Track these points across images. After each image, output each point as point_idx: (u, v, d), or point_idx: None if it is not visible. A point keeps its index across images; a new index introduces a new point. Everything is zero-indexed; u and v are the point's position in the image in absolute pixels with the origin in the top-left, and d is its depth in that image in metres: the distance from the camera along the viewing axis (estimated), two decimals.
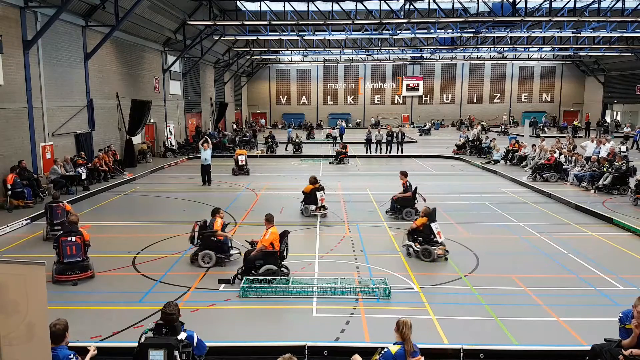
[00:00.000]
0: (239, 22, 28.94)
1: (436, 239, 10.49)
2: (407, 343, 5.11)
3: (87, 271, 9.44)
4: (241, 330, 7.39)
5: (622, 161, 17.98)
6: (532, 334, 7.24)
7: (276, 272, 9.00)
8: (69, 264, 9.31)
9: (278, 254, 9.12)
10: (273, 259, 9.05)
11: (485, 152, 27.76)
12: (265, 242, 9.03)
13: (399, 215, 14.13)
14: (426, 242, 10.47)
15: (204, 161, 19.77)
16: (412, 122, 55.79)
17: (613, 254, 11.22)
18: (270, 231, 9.12)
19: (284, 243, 9.31)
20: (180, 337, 5.07)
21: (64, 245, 9.30)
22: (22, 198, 14.97)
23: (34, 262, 3.64)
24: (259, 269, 8.96)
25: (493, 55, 51.57)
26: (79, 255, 9.36)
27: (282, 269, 9.23)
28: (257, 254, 9.07)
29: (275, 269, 9.01)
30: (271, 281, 8.82)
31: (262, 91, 57.62)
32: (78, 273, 9.32)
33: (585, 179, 18.37)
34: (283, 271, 9.19)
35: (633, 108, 45.63)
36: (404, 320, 5.21)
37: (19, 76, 16.40)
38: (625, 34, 31.90)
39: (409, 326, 5.16)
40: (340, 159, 26.49)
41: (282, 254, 9.26)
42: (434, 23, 28.58)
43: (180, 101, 33.80)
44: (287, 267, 9.40)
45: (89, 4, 20.04)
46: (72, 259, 9.31)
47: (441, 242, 10.56)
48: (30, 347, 3.74)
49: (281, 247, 9.19)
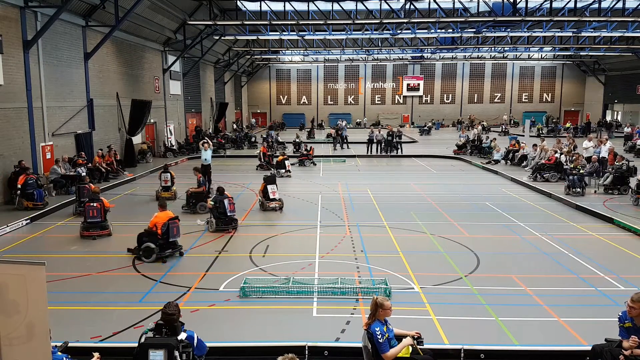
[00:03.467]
0: (239, 22, 28.95)
1: (270, 196, 14.89)
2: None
3: (105, 229, 12.24)
4: (241, 330, 7.39)
5: (622, 161, 17.94)
6: (533, 334, 7.24)
7: (153, 250, 10.35)
8: (91, 223, 12.11)
9: (160, 235, 10.47)
10: (154, 239, 10.47)
11: (485, 152, 27.75)
12: (150, 223, 10.70)
13: (193, 209, 14.57)
14: (265, 199, 14.83)
15: (204, 161, 19.74)
16: (413, 122, 55.77)
17: (613, 254, 11.21)
18: (155, 214, 10.85)
19: (165, 226, 10.49)
20: (180, 338, 5.06)
21: (88, 209, 12.04)
22: (31, 200, 14.87)
23: (34, 262, 3.63)
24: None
25: (493, 55, 51.56)
26: (99, 217, 12.13)
27: (169, 250, 10.59)
28: (143, 233, 10.65)
29: (152, 247, 10.36)
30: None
31: (263, 91, 57.61)
32: (98, 230, 12.11)
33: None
34: (164, 253, 10.49)
35: (634, 108, 45.60)
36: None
37: (19, 76, 16.40)
38: (626, 33, 31.87)
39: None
40: (301, 162, 25.64)
41: (164, 236, 10.51)
42: (435, 23, 28.56)
43: (180, 101, 33.80)
44: (175, 247, 10.73)
45: (89, 4, 20.04)
46: (93, 219, 12.09)
47: (273, 198, 14.93)
48: (30, 347, 3.73)
49: (163, 229, 10.47)
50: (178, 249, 10.83)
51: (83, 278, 9.56)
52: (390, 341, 5.37)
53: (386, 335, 5.31)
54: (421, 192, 18.37)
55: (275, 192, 15.27)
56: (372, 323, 5.39)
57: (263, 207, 15.16)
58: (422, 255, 11.01)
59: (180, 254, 10.82)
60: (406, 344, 5.43)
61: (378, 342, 5.24)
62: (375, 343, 5.25)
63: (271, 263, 10.35)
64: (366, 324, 5.47)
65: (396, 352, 5.32)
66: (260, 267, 10.08)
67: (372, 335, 5.28)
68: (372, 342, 5.28)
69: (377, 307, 5.41)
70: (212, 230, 12.76)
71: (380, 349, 5.25)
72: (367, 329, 5.40)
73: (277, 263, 10.33)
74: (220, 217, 12.79)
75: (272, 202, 15.01)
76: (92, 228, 12.15)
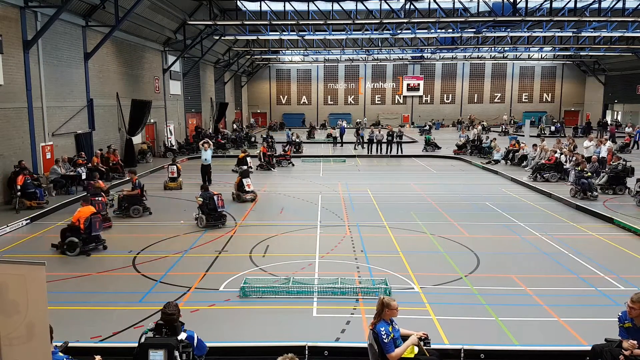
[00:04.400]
0: (239, 22, 28.96)
1: (246, 189, 16.22)
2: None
3: (107, 222, 12.94)
4: (241, 330, 7.39)
5: (618, 161, 17.87)
6: (533, 334, 7.24)
7: (77, 244, 10.76)
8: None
9: (82, 229, 10.85)
10: (77, 233, 10.87)
11: (485, 152, 27.76)
12: (73, 218, 11.05)
13: (126, 213, 14.33)
14: (241, 191, 15.86)
15: (204, 161, 19.77)
16: (413, 122, 55.76)
17: (613, 254, 11.21)
18: (78, 210, 11.22)
19: (87, 221, 10.87)
20: (180, 338, 5.06)
21: (93, 203, 12.15)
22: (34, 199, 14.95)
23: (34, 262, 3.63)
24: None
25: (494, 55, 51.55)
26: (104, 210, 12.81)
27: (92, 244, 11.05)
28: (67, 228, 11.05)
29: (76, 241, 10.77)
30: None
31: (263, 91, 57.60)
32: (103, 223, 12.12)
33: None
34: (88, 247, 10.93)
35: (634, 108, 45.59)
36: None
37: (19, 76, 16.40)
38: (626, 33, 31.88)
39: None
40: (278, 162, 25.40)
41: (87, 230, 10.90)
42: (435, 23, 28.56)
43: (180, 101, 33.80)
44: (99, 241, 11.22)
45: (89, 4, 20.04)
46: (99, 213, 11.97)
47: (249, 190, 16.23)
48: (30, 348, 3.73)
49: (85, 224, 10.83)
50: (101, 243, 11.34)
51: (83, 278, 9.56)
52: (395, 341, 5.33)
53: (391, 335, 5.28)
54: (421, 192, 18.37)
55: (250, 185, 16.67)
56: (377, 323, 5.36)
57: (239, 199, 16.33)
58: (422, 255, 11.01)
59: (103, 247, 11.32)
60: (410, 344, 5.40)
61: (383, 342, 5.21)
62: (380, 343, 5.23)
63: (271, 263, 10.35)
64: (372, 324, 5.44)
65: (401, 352, 5.30)
66: (260, 267, 10.07)
67: (377, 335, 5.26)
68: (378, 342, 5.26)
69: (383, 306, 5.39)
70: (203, 226, 13.10)
71: (385, 349, 5.23)
72: (373, 328, 5.37)
73: (277, 263, 10.33)
74: (210, 213, 13.22)
75: (247, 194, 16.32)
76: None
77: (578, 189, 16.55)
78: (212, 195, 13.35)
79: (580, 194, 16.39)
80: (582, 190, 16.39)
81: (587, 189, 16.35)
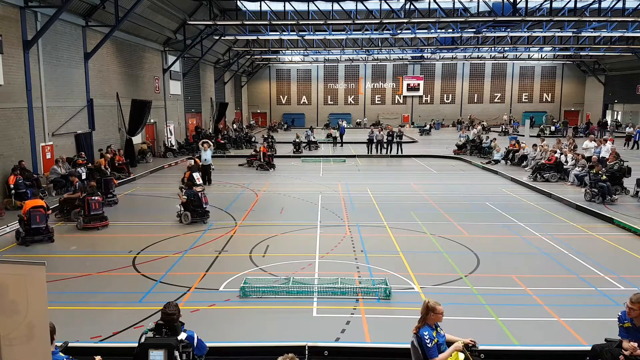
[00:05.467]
0: (239, 22, 28.93)
1: (197, 182, 16.43)
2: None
3: (104, 221, 13.36)
4: (241, 330, 7.39)
5: (615, 161, 17.83)
6: (533, 334, 7.24)
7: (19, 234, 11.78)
8: (93, 216, 13.17)
9: (25, 221, 11.68)
10: (22, 224, 11.80)
11: (485, 152, 27.76)
12: (23, 210, 11.89)
13: (67, 217, 14.09)
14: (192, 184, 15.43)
15: (203, 161, 19.78)
16: (413, 122, 55.76)
17: (614, 254, 11.21)
18: (25, 202, 12.14)
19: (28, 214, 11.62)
20: (180, 338, 5.06)
21: (90, 202, 13.07)
22: (25, 199, 14.88)
23: (34, 262, 3.63)
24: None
25: (493, 55, 51.53)
26: (100, 209, 13.32)
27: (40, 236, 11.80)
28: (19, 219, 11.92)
29: (20, 231, 11.77)
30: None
31: (263, 91, 57.60)
32: (99, 222, 13.19)
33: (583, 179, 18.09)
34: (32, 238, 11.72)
35: (634, 108, 45.58)
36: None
37: (19, 76, 16.40)
38: (626, 33, 31.87)
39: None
40: (250, 162, 24.96)
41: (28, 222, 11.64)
42: (435, 23, 28.56)
43: (180, 101, 33.80)
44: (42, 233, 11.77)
45: (89, 4, 20.03)
46: (96, 212, 13.20)
47: (199, 183, 16.41)
48: (30, 348, 3.73)
49: (27, 216, 11.58)
50: (47, 235, 11.90)
51: (83, 278, 9.56)
52: (440, 347, 5.22)
53: (435, 340, 5.17)
54: (421, 192, 18.37)
55: (199, 178, 17.58)
56: (421, 327, 5.23)
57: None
58: (422, 255, 11.01)
59: (50, 239, 11.91)
60: (454, 350, 5.24)
61: (427, 346, 5.10)
62: (424, 347, 5.12)
63: (271, 263, 10.35)
64: (416, 328, 5.31)
65: (444, 359, 5.18)
66: (260, 267, 10.07)
67: (421, 339, 5.14)
68: (421, 346, 5.15)
69: (428, 310, 5.25)
70: (187, 222, 13.50)
71: (428, 354, 5.12)
72: (416, 332, 5.26)
73: (277, 263, 10.33)
74: (195, 210, 13.64)
75: (198, 187, 16.38)
76: (94, 220, 13.17)
77: (595, 193, 15.86)
78: (197, 193, 13.85)
79: (599, 198, 15.71)
80: (601, 194, 15.72)
81: (607, 192, 15.74)
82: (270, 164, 24.48)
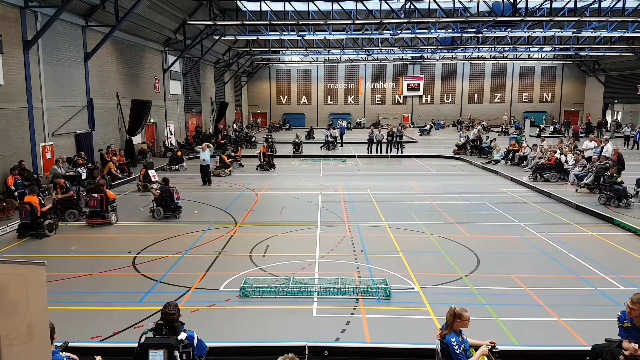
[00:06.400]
0: (239, 22, 28.95)
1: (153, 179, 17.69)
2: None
3: (104, 219, 13.48)
4: (241, 330, 7.39)
5: (605, 160, 17.78)
6: (533, 334, 7.24)
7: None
8: (92, 213, 13.46)
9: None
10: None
11: (485, 152, 27.76)
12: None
13: (62, 217, 13.99)
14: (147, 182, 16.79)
15: (202, 162, 19.79)
16: (413, 122, 55.74)
17: (613, 254, 11.21)
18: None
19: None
20: (180, 338, 5.05)
21: (89, 199, 13.47)
22: (23, 198, 14.92)
23: (34, 262, 3.63)
24: None
25: (494, 55, 51.52)
26: (98, 207, 13.44)
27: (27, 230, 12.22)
28: None
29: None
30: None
31: (263, 91, 57.58)
32: (98, 219, 13.45)
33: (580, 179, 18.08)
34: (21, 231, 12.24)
35: (634, 108, 45.58)
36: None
37: (19, 76, 16.40)
38: (626, 33, 31.87)
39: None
40: (224, 165, 22.97)
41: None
42: (435, 23, 28.55)
43: (180, 101, 33.80)
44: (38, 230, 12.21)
45: (89, 4, 20.04)
46: (94, 209, 13.43)
47: (154, 180, 17.39)
48: (30, 348, 3.73)
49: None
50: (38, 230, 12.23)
51: (83, 278, 9.56)
52: (466, 352, 5.27)
53: (462, 346, 5.20)
54: (421, 192, 18.36)
55: (155, 176, 18.34)
56: (448, 334, 5.25)
57: (145, 189, 17.61)
58: (422, 255, 11.01)
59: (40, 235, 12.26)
60: (481, 354, 5.31)
61: (455, 353, 5.13)
62: (452, 354, 5.15)
63: (271, 263, 10.35)
64: (440, 334, 5.33)
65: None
66: (260, 267, 10.07)
67: (448, 345, 5.17)
68: (448, 352, 5.19)
69: (454, 317, 5.28)
70: (160, 217, 14.02)
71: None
72: (442, 339, 5.27)
73: (277, 263, 10.33)
74: (167, 206, 14.10)
75: (154, 183, 17.23)
76: (93, 217, 13.51)
77: (611, 196, 15.40)
78: (169, 188, 14.20)
79: (615, 202, 15.27)
80: (617, 197, 15.29)
81: (623, 195, 15.32)
82: (270, 164, 24.48)
